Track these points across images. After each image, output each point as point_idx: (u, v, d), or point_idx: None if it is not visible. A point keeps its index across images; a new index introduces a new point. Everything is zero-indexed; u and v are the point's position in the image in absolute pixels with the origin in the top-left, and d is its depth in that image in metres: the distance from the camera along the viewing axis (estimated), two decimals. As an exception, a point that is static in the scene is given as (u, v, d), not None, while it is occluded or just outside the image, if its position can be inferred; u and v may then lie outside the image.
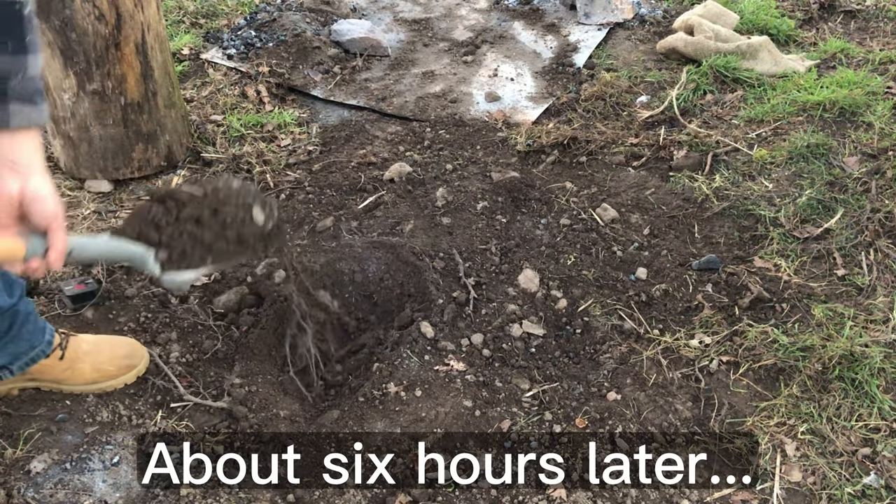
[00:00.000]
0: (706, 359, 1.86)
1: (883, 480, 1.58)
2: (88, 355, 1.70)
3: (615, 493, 1.56)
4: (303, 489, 1.57)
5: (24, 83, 1.11)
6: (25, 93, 1.11)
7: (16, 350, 1.56)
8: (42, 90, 1.15)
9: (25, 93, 1.11)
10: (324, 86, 3.13)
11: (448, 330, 1.95)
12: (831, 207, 2.30)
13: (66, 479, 1.55)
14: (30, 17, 1.12)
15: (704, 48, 3.16)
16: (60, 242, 1.13)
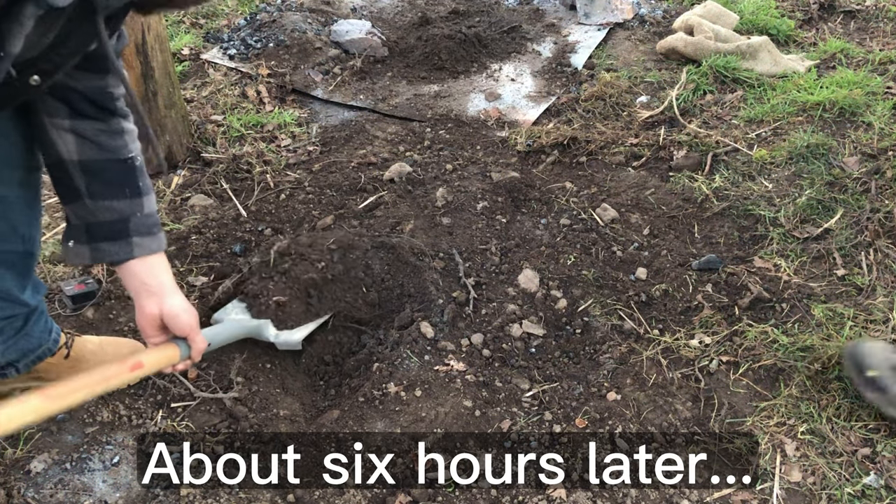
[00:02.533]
0: (706, 359, 1.86)
1: (883, 480, 1.58)
2: (93, 355, 1.71)
3: (615, 493, 1.56)
4: (303, 489, 1.57)
5: (143, 219, 1.34)
6: (145, 227, 1.35)
7: (25, 347, 1.57)
8: (158, 222, 1.39)
9: (145, 227, 1.35)
10: (324, 86, 3.13)
11: (448, 330, 1.95)
12: (831, 207, 2.30)
13: (66, 479, 1.55)
14: (141, 165, 1.38)
15: (704, 48, 3.16)
16: (200, 345, 1.38)
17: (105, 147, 1.32)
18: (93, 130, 1.30)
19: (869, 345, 1.72)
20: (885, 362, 1.65)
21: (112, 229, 1.33)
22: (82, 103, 1.28)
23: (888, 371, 1.64)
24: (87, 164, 1.31)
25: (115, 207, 1.33)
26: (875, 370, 1.65)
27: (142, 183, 1.37)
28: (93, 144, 1.31)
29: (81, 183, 1.31)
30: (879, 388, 1.65)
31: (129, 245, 1.33)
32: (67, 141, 1.29)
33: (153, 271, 1.35)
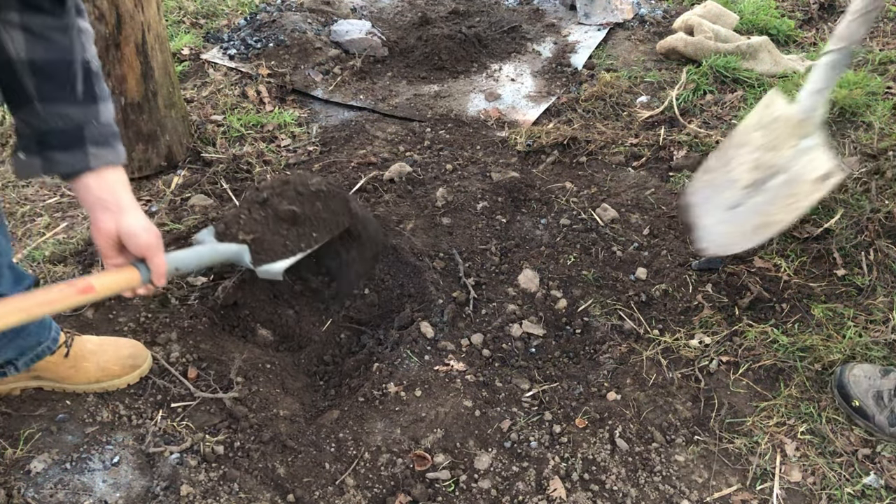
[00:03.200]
0: (706, 359, 1.86)
1: (883, 480, 1.58)
2: (93, 354, 1.70)
3: (615, 493, 1.56)
4: (303, 489, 1.57)
5: (99, 128, 1.24)
6: (101, 137, 1.24)
7: (22, 345, 1.57)
8: (116, 133, 1.28)
9: (101, 137, 1.24)
10: (324, 86, 3.13)
11: (448, 330, 1.95)
12: (831, 207, 2.30)
13: (66, 479, 1.55)
14: (98, 71, 1.26)
15: (704, 48, 3.17)
16: (160, 267, 1.28)
17: (57, 45, 1.21)
18: (44, 26, 1.19)
19: (854, 372, 1.73)
20: (868, 391, 1.68)
21: (65, 138, 1.23)
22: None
23: (871, 400, 1.67)
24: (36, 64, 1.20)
25: (68, 113, 1.22)
26: (858, 400, 1.68)
27: (98, 88, 1.26)
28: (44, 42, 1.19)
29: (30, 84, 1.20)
30: (866, 416, 1.68)
31: (84, 155, 1.23)
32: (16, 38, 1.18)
33: (110, 186, 1.26)
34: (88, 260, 2.10)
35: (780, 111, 1.96)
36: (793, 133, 1.89)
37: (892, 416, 1.65)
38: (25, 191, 2.44)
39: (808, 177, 1.80)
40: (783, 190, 1.85)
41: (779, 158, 1.90)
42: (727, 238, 1.89)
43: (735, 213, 1.91)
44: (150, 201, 2.41)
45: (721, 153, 2.07)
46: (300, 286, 2.17)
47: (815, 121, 1.89)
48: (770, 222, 1.84)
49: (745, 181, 1.94)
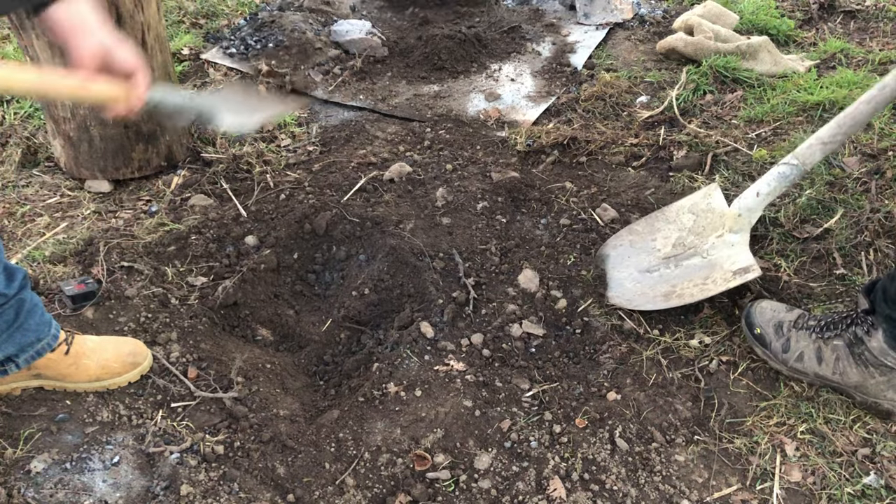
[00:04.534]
0: (706, 359, 1.86)
1: (883, 480, 1.58)
2: (94, 352, 1.70)
3: (615, 493, 1.56)
4: (303, 489, 1.57)
5: None
6: None
7: (22, 341, 1.57)
8: None
9: None
10: (324, 86, 3.13)
11: (448, 330, 1.95)
12: (831, 207, 2.30)
13: (66, 479, 1.55)
14: None
15: (704, 48, 3.16)
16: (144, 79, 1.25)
17: None
18: None
19: (762, 305, 1.87)
20: (770, 321, 1.82)
21: None
22: None
23: (771, 328, 1.81)
24: None
25: None
26: (759, 328, 1.82)
27: None
28: None
29: None
30: (764, 343, 1.81)
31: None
32: None
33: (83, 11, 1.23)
34: (88, 260, 2.10)
35: (716, 204, 2.12)
36: (721, 224, 2.05)
37: (786, 344, 1.78)
38: (26, 191, 2.44)
39: (727, 266, 1.94)
40: (699, 272, 1.99)
41: (701, 243, 2.05)
42: (633, 295, 2.02)
43: (647, 277, 2.06)
44: (150, 201, 2.41)
45: (649, 221, 2.22)
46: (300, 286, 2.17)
47: (748, 220, 2.03)
48: (679, 293, 1.96)
49: (664, 253, 2.09)
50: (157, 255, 2.14)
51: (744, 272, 1.89)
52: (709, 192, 2.17)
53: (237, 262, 2.16)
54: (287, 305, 2.12)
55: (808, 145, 1.97)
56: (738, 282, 1.88)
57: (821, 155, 1.96)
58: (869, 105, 1.87)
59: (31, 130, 2.68)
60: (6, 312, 1.50)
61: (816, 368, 1.74)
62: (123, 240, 2.18)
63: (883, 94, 1.85)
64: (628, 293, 2.03)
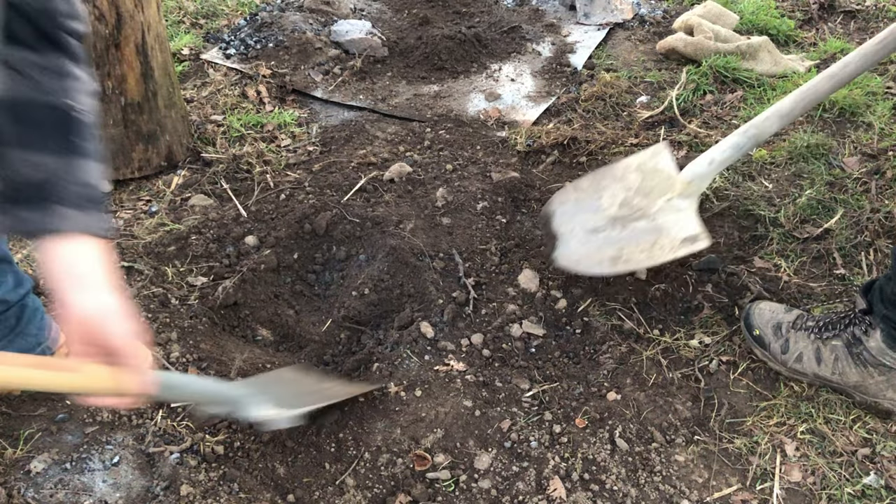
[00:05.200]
0: (706, 359, 1.86)
1: (883, 480, 1.58)
2: None
3: (615, 493, 1.56)
4: (303, 489, 1.57)
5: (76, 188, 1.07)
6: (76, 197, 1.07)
7: (22, 346, 1.56)
8: (98, 199, 1.10)
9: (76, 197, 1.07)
10: (324, 86, 3.14)
11: (448, 330, 1.95)
12: (831, 207, 2.30)
13: (66, 479, 1.55)
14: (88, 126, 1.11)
15: (704, 48, 3.16)
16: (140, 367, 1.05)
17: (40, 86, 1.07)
18: (27, 63, 1.07)
19: (761, 306, 1.88)
20: (769, 322, 1.82)
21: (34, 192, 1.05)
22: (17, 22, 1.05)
23: (769, 330, 1.81)
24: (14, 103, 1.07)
25: (41, 164, 1.06)
26: (758, 329, 1.82)
27: (80, 141, 1.10)
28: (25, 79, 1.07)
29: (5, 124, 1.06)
30: (763, 345, 1.82)
31: (52, 215, 1.04)
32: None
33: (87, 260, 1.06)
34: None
35: (664, 166, 2.04)
36: (670, 188, 1.98)
37: (785, 345, 1.78)
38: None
39: (675, 234, 1.90)
40: (645, 236, 1.93)
41: (648, 205, 1.98)
42: (580, 256, 1.96)
43: (593, 237, 1.99)
44: (150, 201, 2.41)
45: (596, 178, 2.13)
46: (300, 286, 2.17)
47: (698, 187, 1.98)
48: (625, 259, 1.91)
49: (611, 213, 2.02)
50: (157, 255, 2.14)
51: (692, 241, 1.85)
52: (657, 152, 2.09)
53: (237, 262, 2.16)
54: (287, 305, 2.12)
55: (765, 117, 1.94)
56: (685, 251, 1.84)
57: (777, 127, 1.94)
58: (830, 81, 1.88)
59: (31, 130, 2.67)
60: (8, 318, 1.50)
61: (816, 369, 1.74)
62: (123, 240, 2.18)
63: (845, 71, 1.87)
64: (574, 254, 1.98)
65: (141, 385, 1.05)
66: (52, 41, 1.08)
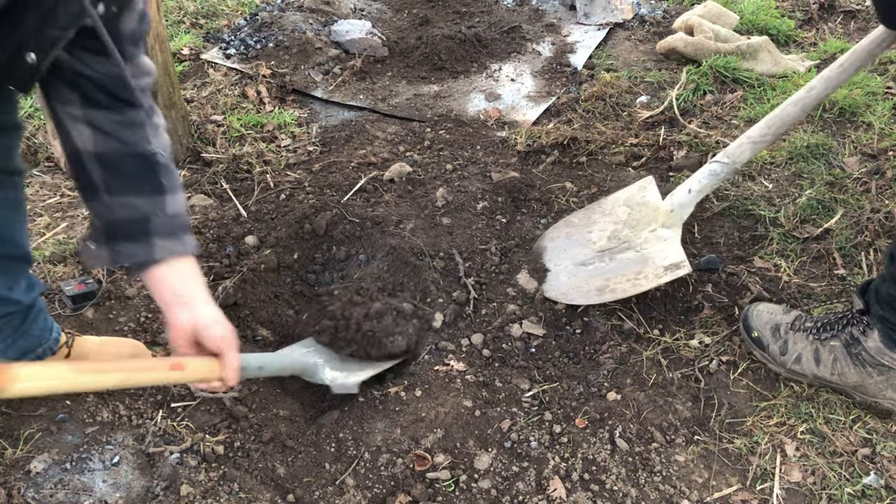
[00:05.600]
0: (706, 359, 1.86)
1: (883, 480, 1.58)
2: (94, 354, 1.71)
3: (615, 493, 1.56)
4: (303, 489, 1.57)
5: (166, 220, 1.26)
6: (167, 228, 1.26)
7: (25, 346, 1.57)
8: (186, 224, 1.30)
9: (167, 228, 1.26)
10: (324, 86, 3.14)
11: (448, 330, 1.95)
12: (831, 207, 2.30)
13: (66, 479, 1.55)
14: (167, 164, 1.29)
15: (704, 48, 3.16)
16: (233, 362, 1.27)
17: (122, 139, 1.24)
18: (108, 122, 1.22)
19: (759, 308, 1.88)
20: (767, 324, 1.83)
21: (131, 229, 1.25)
22: (95, 92, 1.21)
23: (768, 331, 1.82)
24: (102, 157, 1.23)
25: (134, 205, 1.24)
26: (757, 331, 1.83)
27: (165, 180, 1.27)
28: (108, 136, 1.23)
29: (98, 176, 1.23)
30: (762, 346, 1.82)
31: (150, 246, 1.25)
32: (82, 131, 1.22)
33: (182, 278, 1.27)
34: (88, 260, 2.10)
35: (651, 198, 2.14)
36: (655, 219, 2.07)
37: (783, 346, 1.78)
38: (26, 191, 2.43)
39: (659, 262, 1.96)
40: (631, 266, 2.00)
41: (634, 237, 2.07)
42: (568, 289, 2.04)
43: (582, 270, 2.07)
44: (150, 201, 2.41)
45: (586, 213, 2.24)
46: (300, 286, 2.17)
47: (680, 216, 2.05)
48: (612, 288, 1.98)
49: (599, 245, 2.11)
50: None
51: (675, 268, 1.90)
52: (644, 185, 2.19)
53: (237, 262, 2.16)
54: (287, 305, 2.12)
55: (738, 144, 2.01)
56: (668, 277, 1.90)
57: (750, 154, 2.01)
58: (796, 107, 1.94)
59: (31, 130, 2.68)
60: (15, 318, 1.51)
61: (815, 370, 1.74)
62: (123, 240, 2.18)
63: (810, 96, 1.92)
64: (563, 286, 2.04)
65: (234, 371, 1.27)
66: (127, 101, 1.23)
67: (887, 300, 1.61)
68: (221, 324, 1.27)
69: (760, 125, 1.99)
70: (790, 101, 1.95)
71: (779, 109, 1.97)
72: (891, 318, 1.61)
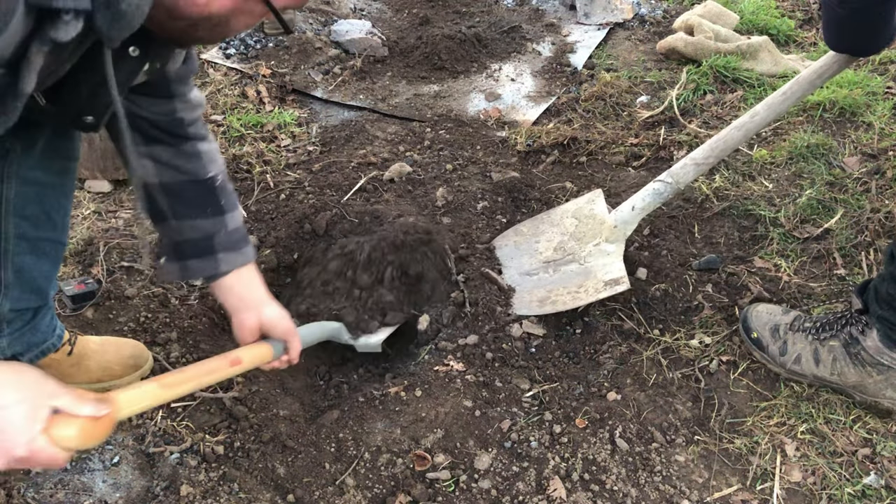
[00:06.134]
0: (706, 359, 1.86)
1: (883, 480, 1.58)
2: (96, 353, 1.71)
3: (615, 493, 1.56)
4: (303, 489, 1.57)
5: (228, 236, 1.42)
6: (230, 243, 1.42)
7: (31, 340, 1.58)
8: (245, 236, 1.46)
9: (230, 243, 1.42)
10: (324, 86, 3.14)
11: (448, 330, 1.95)
12: (831, 207, 2.30)
13: (66, 479, 1.55)
14: (223, 184, 1.45)
15: (704, 48, 3.16)
16: (297, 345, 1.46)
17: (182, 170, 1.38)
18: (167, 155, 1.36)
19: (758, 309, 1.89)
20: (766, 325, 1.83)
21: (198, 247, 1.40)
22: (153, 130, 1.34)
23: (767, 332, 1.82)
24: (167, 187, 1.37)
25: (199, 226, 1.39)
26: (756, 332, 1.83)
27: (224, 201, 1.43)
28: (169, 168, 1.37)
29: (165, 204, 1.37)
30: (761, 347, 1.82)
31: (216, 261, 1.40)
32: (146, 165, 1.35)
33: (246, 285, 1.43)
34: (88, 260, 2.10)
35: (598, 211, 2.15)
36: (600, 233, 2.08)
37: (783, 346, 1.78)
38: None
39: (600, 276, 1.98)
40: (574, 278, 2.02)
41: (579, 249, 2.09)
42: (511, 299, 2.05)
43: (527, 280, 2.09)
44: (150, 201, 2.41)
45: (535, 223, 2.26)
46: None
47: (624, 232, 2.07)
48: (553, 300, 1.99)
49: (545, 256, 2.13)
50: (157, 255, 2.13)
51: (614, 283, 1.93)
52: (592, 199, 2.21)
53: (237, 262, 2.16)
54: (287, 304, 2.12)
55: (682, 165, 2.06)
56: (608, 293, 1.92)
57: (693, 175, 2.06)
58: (739, 131, 1.99)
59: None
60: (28, 313, 1.53)
61: (814, 370, 1.74)
62: (123, 240, 2.18)
63: (753, 122, 1.98)
64: None
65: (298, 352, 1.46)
66: (182, 136, 1.37)
67: (886, 299, 1.61)
68: (285, 318, 1.43)
69: (705, 148, 2.04)
70: (734, 125, 2.01)
71: (723, 133, 2.02)
72: (890, 318, 1.61)
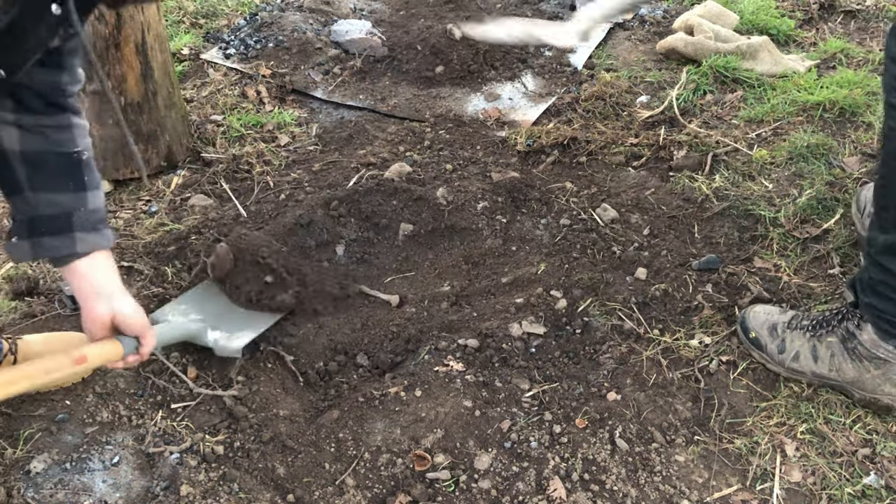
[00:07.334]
0: (706, 359, 1.86)
1: (883, 480, 1.58)
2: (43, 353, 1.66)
3: (615, 493, 1.56)
4: (303, 489, 1.57)
5: (87, 215, 1.33)
6: (88, 223, 1.33)
7: None
8: (104, 219, 1.37)
9: (88, 223, 1.33)
10: (324, 86, 3.13)
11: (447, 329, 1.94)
12: (831, 207, 2.30)
13: (66, 479, 1.55)
14: (89, 160, 1.36)
15: (704, 48, 3.16)
16: (151, 343, 1.41)
17: (51, 139, 1.30)
18: (37, 124, 1.29)
19: (756, 309, 1.88)
20: (764, 324, 1.83)
21: (54, 224, 1.31)
22: (31, 99, 1.27)
23: (765, 331, 1.82)
24: (28, 155, 1.29)
25: (57, 201, 1.31)
26: (754, 332, 1.83)
27: (87, 177, 1.34)
28: (36, 136, 1.29)
29: (22, 174, 1.28)
30: (759, 347, 1.82)
31: (72, 240, 1.31)
32: (10, 133, 1.27)
33: (103, 272, 1.35)
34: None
35: None
36: None
37: (781, 345, 1.78)
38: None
39: None
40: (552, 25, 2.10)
41: None
42: None
43: None
44: (150, 201, 2.41)
45: None
46: None
47: None
48: None
49: None
50: (156, 254, 2.14)
51: None
52: None
53: (237, 262, 2.16)
54: (287, 305, 2.12)
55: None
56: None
57: None
58: None
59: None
60: None
61: (813, 367, 1.74)
62: (123, 240, 2.18)
63: None
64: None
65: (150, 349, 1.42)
66: (61, 106, 1.31)
67: (870, 285, 1.62)
68: (139, 312, 1.38)
69: None
70: None
71: None
72: (877, 305, 1.62)
